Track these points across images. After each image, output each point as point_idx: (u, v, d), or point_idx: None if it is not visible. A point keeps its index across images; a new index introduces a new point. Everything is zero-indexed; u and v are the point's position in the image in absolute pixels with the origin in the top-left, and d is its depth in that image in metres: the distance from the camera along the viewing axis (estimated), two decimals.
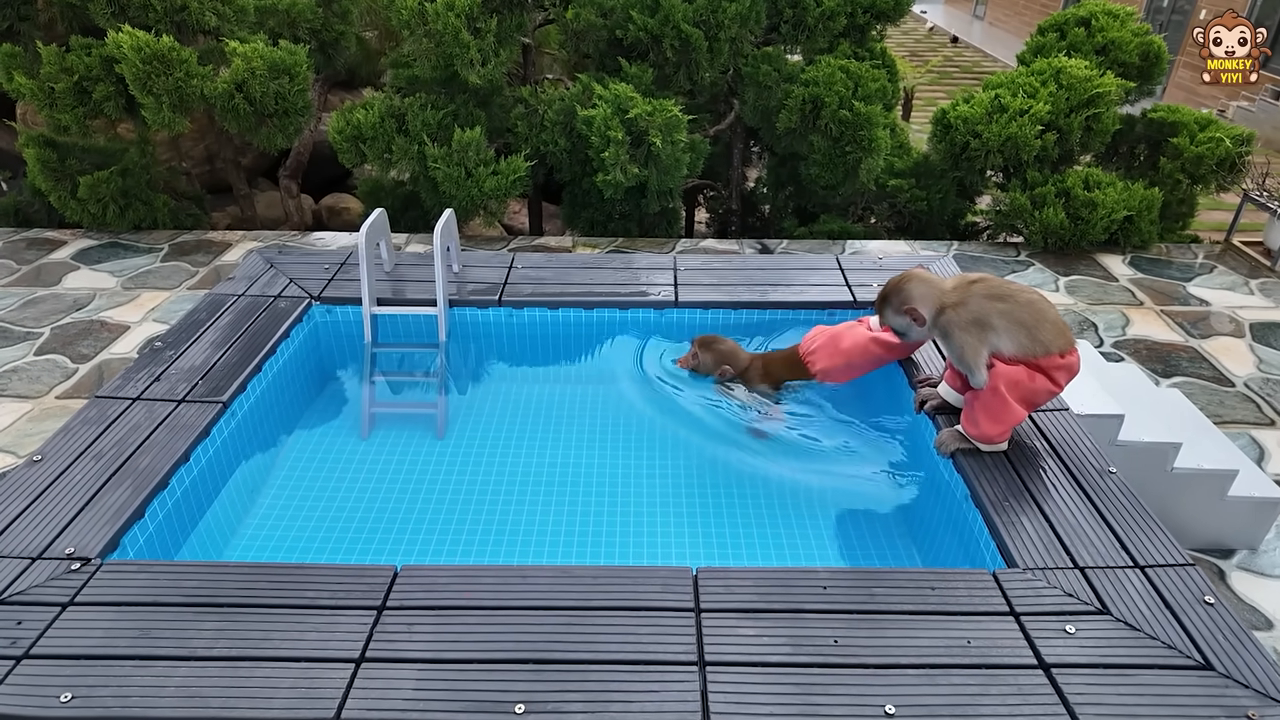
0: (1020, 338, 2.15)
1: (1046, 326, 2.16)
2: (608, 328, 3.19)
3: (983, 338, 2.16)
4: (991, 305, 2.16)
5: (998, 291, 2.19)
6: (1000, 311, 2.15)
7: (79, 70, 4.69)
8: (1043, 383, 2.19)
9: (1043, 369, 2.18)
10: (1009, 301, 2.17)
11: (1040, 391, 2.21)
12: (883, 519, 2.39)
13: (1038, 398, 2.22)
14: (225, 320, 2.98)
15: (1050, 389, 2.21)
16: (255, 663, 1.68)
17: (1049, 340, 2.15)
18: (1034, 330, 2.15)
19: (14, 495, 2.12)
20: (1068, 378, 2.22)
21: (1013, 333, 2.15)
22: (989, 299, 2.17)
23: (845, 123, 5.06)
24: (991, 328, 2.16)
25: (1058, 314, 2.21)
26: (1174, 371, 3.91)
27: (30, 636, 1.73)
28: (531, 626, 1.77)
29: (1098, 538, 2.00)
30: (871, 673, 1.67)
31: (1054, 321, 2.18)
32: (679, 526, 2.40)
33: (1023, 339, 2.15)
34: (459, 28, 4.54)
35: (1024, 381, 2.17)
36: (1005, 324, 2.15)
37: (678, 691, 1.62)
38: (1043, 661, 1.68)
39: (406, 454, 2.70)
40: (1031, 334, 2.15)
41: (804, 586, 1.87)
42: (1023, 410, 2.21)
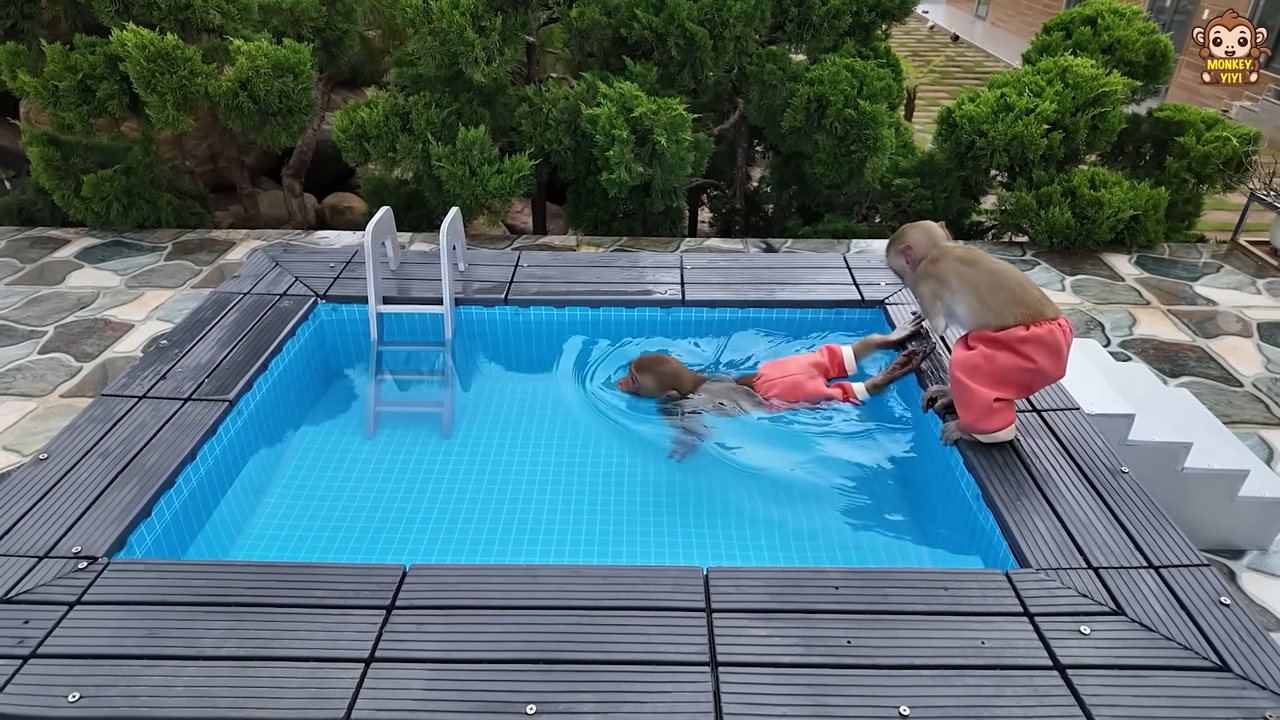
0: (970, 301, 2.19)
1: (1000, 294, 2.14)
2: (614, 327, 3.18)
3: (939, 292, 2.28)
4: (956, 266, 2.25)
5: (969, 258, 2.26)
6: (960, 274, 2.23)
7: (83, 68, 4.68)
8: (1007, 359, 2.12)
9: (1003, 343, 2.12)
10: (973, 267, 2.23)
11: (1010, 370, 2.12)
12: (893, 519, 2.37)
13: (1010, 376, 2.13)
14: (231, 318, 2.97)
15: (1022, 365, 2.11)
16: (264, 662, 1.67)
17: (1000, 308, 2.13)
18: (985, 296, 2.16)
19: (20, 493, 2.11)
20: (1042, 352, 2.10)
21: (964, 295, 2.21)
22: (958, 261, 2.26)
23: (850, 122, 5.05)
24: (948, 286, 2.25)
25: (1024, 286, 2.16)
26: (1182, 371, 3.90)
27: (37, 636, 1.72)
28: (541, 626, 1.75)
29: (1111, 538, 1.99)
30: (885, 673, 1.65)
31: (1011, 290, 2.14)
32: (686, 526, 2.39)
33: (973, 302, 2.19)
34: (464, 26, 4.52)
35: (980, 365, 2.15)
36: (960, 285, 2.23)
37: (690, 692, 1.61)
38: (1058, 662, 1.67)
39: (413, 453, 2.69)
40: (982, 300, 2.17)
41: (815, 586, 1.86)
42: (990, 392, 2.14)
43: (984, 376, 2.15)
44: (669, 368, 2.80)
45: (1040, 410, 2.46)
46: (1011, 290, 2.15)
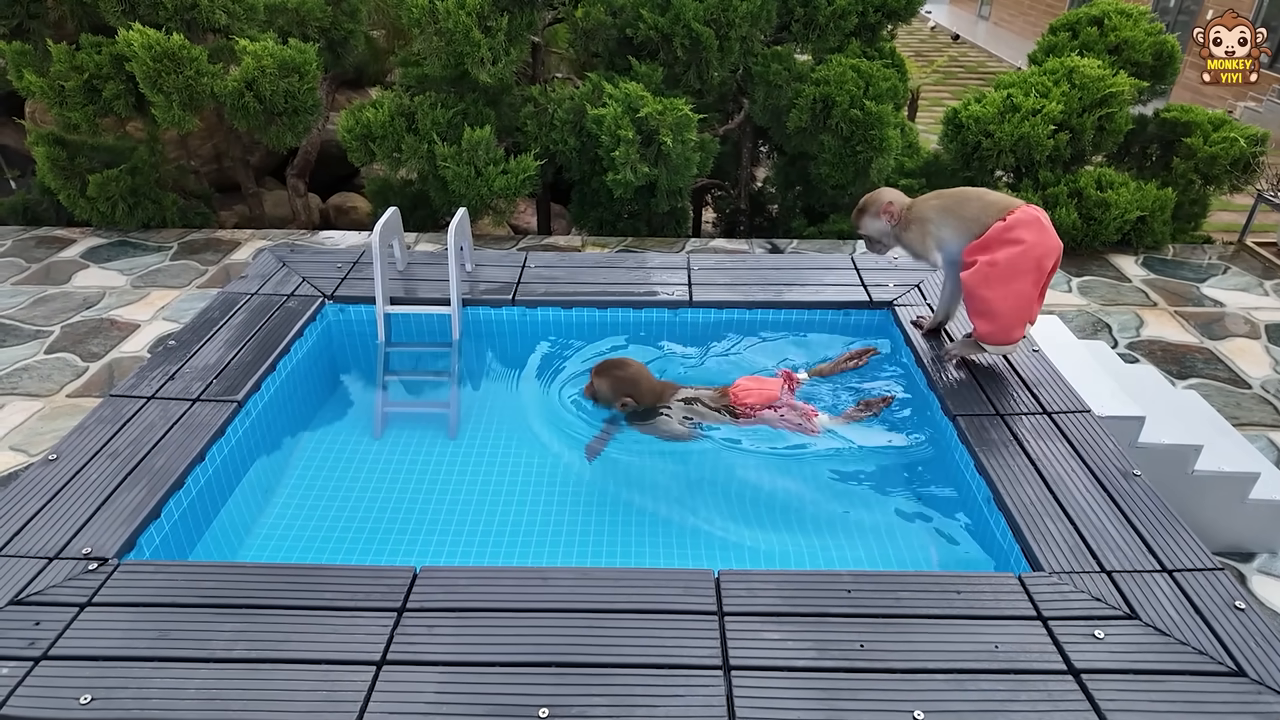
0: (951, 221, 2.48)
1: (970, 203, 2.46)
2: (622, 328, 3.17)
3: (926, 229, 2.52)
4: (929, 203, 2.53)
5: (936, 195, 2.56)
6: (934, 206, 2.51)
7: (89, 68, 4.68)
8: (1005, 253, 2.36)
9: (994, 242, 2.38)
10: (940, 198, 2.53)
11: (1014, 260, 2.36)
12: (902, 522, 2.36)
13: (1017, 265, 2.36)
14: (238, 319, 2.96)
15: (1018, 250, 2.35)
16: (275, 665, 1.66)
17: (977, 215, 2.43)
18: (959, 209, 2.47)
19: (30, 494, 2.11)
20: (1028, 229, 2.36)
21: (944, 218, 2.49)
22: (927, 201, 2.54)
23: (856, 122, 5.04)
24: (931, 220, 2.51)
25: (983, 193, 2.50)
26: (1189, 373, 3.88)
27: (48, 637, 1.72)
28: (553, 629, 1.75)
29: (1123, 541, 1.98)
30: (899, 677, 1.64)
31: (978, 197, 2.47)
32: (695, 528, 2.38)
33: (953, 222, 2.47)
34: (470, 26, 4.52)
35: (988, 272, 2.39)
36: (939, 215, 2.50)
37: (702, 696, 1.60)
38: (1072, 667, 1.66)
39: (420, 454, 2.68)
40: (960, 217, 2.46)
41: (827, 590, 1.85)
42: (1008, 298, 2.40)
43: (997, 280, 2.38)
44: (626, 372, 2.63)
45: (1051, 412, 2.45)
46: (978, 198, 2.47)
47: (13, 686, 1.61)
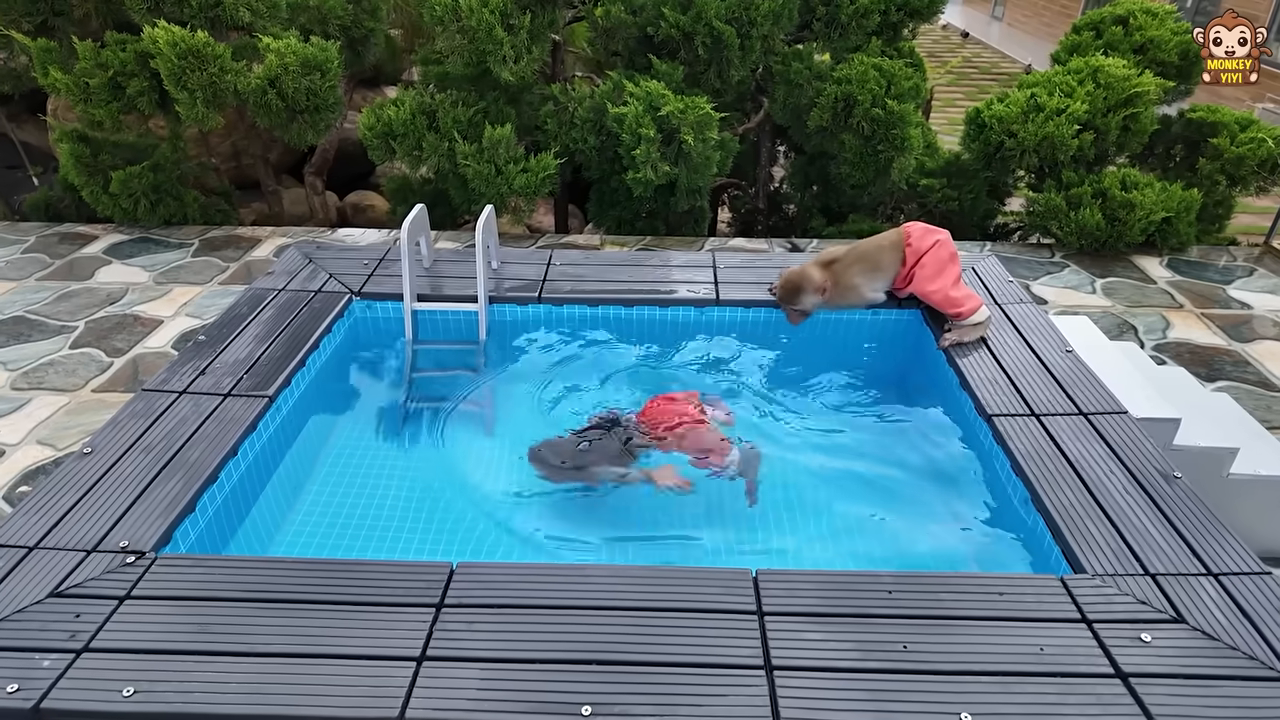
0: (878, 278, 2.92)
1: (883, 254, 2.90)
2: (648, 326, 3.16)
3: (860, 295, 2.95)
4: (850, 273, 2.89)
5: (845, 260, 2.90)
6: (857, 273, 2.90)
7: (114, 65, 4.70)
8: (930, 265, 2.86)
9: (913, 271, 2.89)
10: (861, 260, 2.90)
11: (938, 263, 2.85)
12: (938, 523, 2.34)
13: (941, 260, 2.86)
14: (267, 314, 2.97)
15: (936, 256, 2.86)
16: (316, 660, 1.66)
17: (891, 261, 2.90)
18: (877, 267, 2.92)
19: (66, 487, 2.11)
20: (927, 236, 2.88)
21: (871, 279, 2.91)
22: (847, 270, 2.88)
23: (878, 121, 5.01)
24: (859, 286, 2.91)
25: (881, 240, 2.95)
26: (1218, 376, 3.84)
27: (89, 630, 1.72)
28: (592, 626, 1.74)
29: (1167, 544, 1.95)
30: (944, 679, 1.63)
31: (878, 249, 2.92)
32: (726, 527, 2.36)
33: (879, 277, 2.92)
34: (493, 23, 4.52)
35: (922, 273, 2.87)
36: (864, 279, 2.91)
37: (746, 695, 1.59)
38: (1120, 671, 1.64)
39: (448, 450, 2.68)
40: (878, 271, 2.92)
41: (868, 590, 1.83)
42: (949, 278, 2.85)
43: (932, 274, 2.85)
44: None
45: (1087, 413, 2.42)
46: (878, 249, 2.91)
47: (55, 679, 1.61)
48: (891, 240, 2.91)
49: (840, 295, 2.91)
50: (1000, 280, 3.25)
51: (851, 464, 2.51)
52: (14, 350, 3.92)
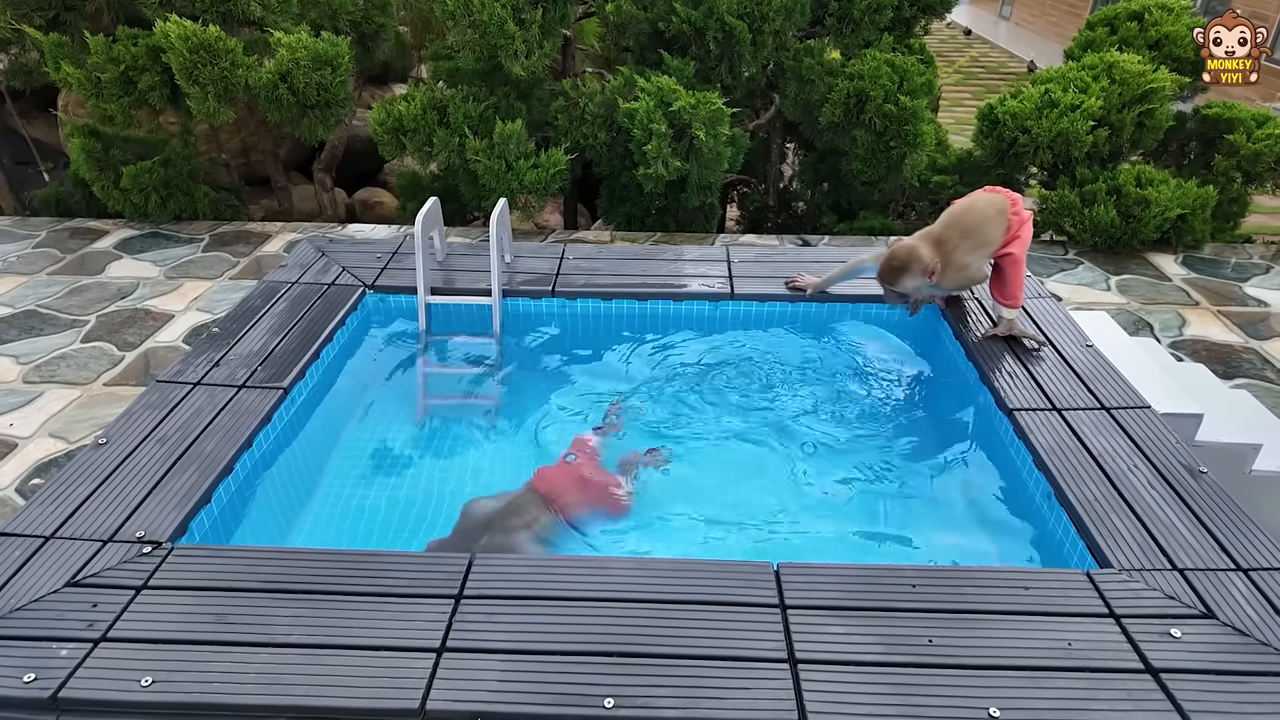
0: (983, 252, 2.67)
1: (989, 228, 2.63)
2: (663, 320, 3.14)
3: (968, 274, 2.71)
4: (959, 250, 2.62)
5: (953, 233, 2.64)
6: (966, 249, 2.63)
7: (125, 60, 4.70)
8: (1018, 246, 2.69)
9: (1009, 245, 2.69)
10: (967, 238, 2.63)
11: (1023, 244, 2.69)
12: (959, 517, 2.32)
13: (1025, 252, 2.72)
14: (280, 307, 2.96)
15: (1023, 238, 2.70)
16: (335, 650, 1.65)
17: (998, 234, 2.65)
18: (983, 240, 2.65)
19: (82, 477, 2.10)
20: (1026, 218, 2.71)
21: (978, 254, 2.66)
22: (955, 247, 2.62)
23: (890, 117, 4.98)
24: (969, 265, 2.66)
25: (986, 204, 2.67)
26: (1235, 373, 3.80)
27: (106, 619, 1.71)
28: (612, 618, 1.72)
29: (1194, 539, 1.93)
30: (971, 674, 1.60)
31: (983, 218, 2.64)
32: (743, 520, 2.34)
33: (985, 251, 2.67)
34: (505, 18, 4.51)
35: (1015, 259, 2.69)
36: (973, 257, 2.66)
37: (770, 689, 1.57)
38: (1150, 666, 1.61)
39: (461, 443, 2.66)
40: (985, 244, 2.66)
41: (891, 584, 1.81)
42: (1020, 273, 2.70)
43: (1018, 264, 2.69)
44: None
45: (1109, 408, 2.39)
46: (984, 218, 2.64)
47: (73, 668, 1.60)
48: (997, 208, 2.62)
49: (951, 276, 2.62)
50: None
51: (869, 458, 2.48)
52: (26, 344, 3.92)
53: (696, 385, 2.87)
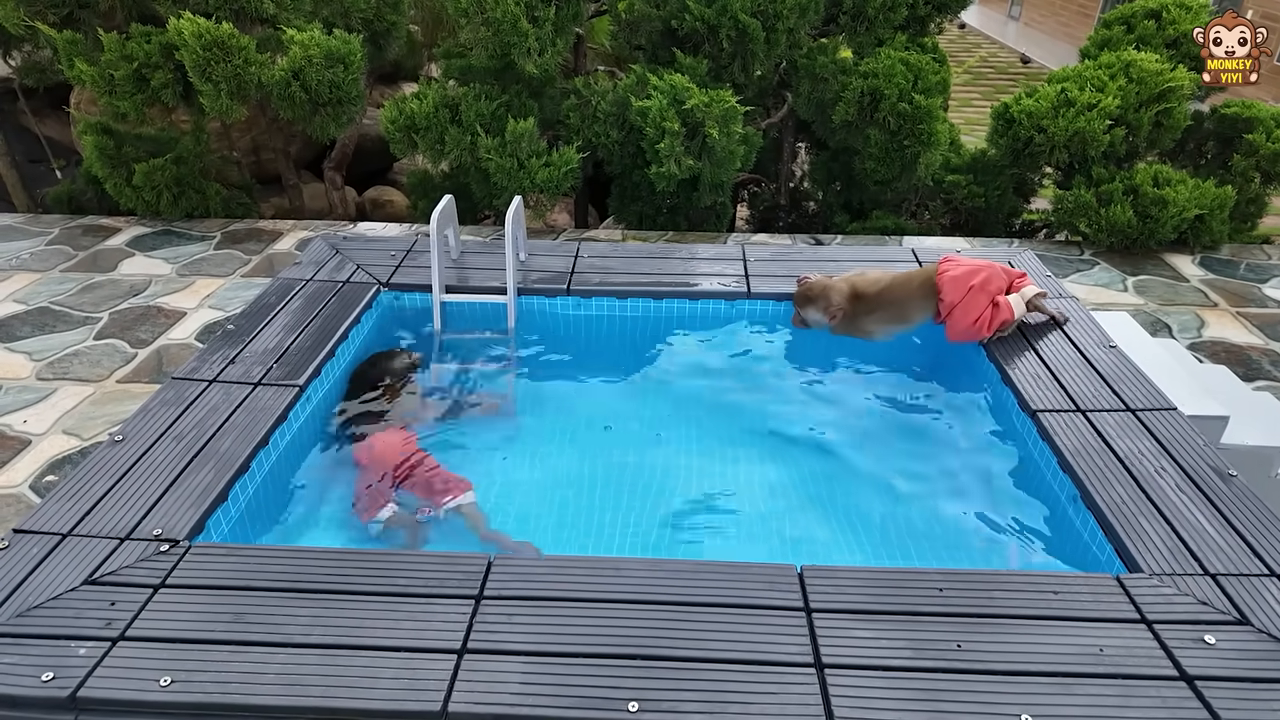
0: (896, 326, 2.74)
1: (912, 308, 2.68)
2: (678, 319, 3.12)
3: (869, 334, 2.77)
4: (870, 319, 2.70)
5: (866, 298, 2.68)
6: (875, 320, 2.71)
7: (138, 57, 4.70)
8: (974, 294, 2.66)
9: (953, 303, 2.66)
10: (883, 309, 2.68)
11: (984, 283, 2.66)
12: (983, 520, 2.28)
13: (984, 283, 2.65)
14: (295, 304, 2.94)
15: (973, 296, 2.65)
16: (354, 651, 1.63)
17: (919, 312, 2.69)
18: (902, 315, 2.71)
19: (98, 475, 2.09)
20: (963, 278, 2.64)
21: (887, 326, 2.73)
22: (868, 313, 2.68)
23: (904, 116, 4.94)
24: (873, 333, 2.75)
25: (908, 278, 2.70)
26: (1255, 375, 3.76)
27: (124, 618, 1.69)
28: (634, 621, 1.70)
29: (1225, 544, 1.89)
30: (1001, 679, 1.57)
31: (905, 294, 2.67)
32: (768, 523, 2.31)
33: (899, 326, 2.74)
34: (518, 16, 4.49)
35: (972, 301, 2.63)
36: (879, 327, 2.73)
37: (797, 693, 1.54)
38: (1184, 673, 1.58)
39: (478, 441, 2.64)
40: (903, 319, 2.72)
41: (917, 588, 1.78)
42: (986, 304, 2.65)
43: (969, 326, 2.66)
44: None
45: (1135, 410, 2.36)
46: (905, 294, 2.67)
47: (91, 667, 1.59)
48: (924, 292, 2.66)
49: (847, 330, 2.73)
50: (1038, 275, 3.18)
51: (890, 459, 2.45)
52: (39, 341, 3.92)
53: (712, 384, 2.84)
